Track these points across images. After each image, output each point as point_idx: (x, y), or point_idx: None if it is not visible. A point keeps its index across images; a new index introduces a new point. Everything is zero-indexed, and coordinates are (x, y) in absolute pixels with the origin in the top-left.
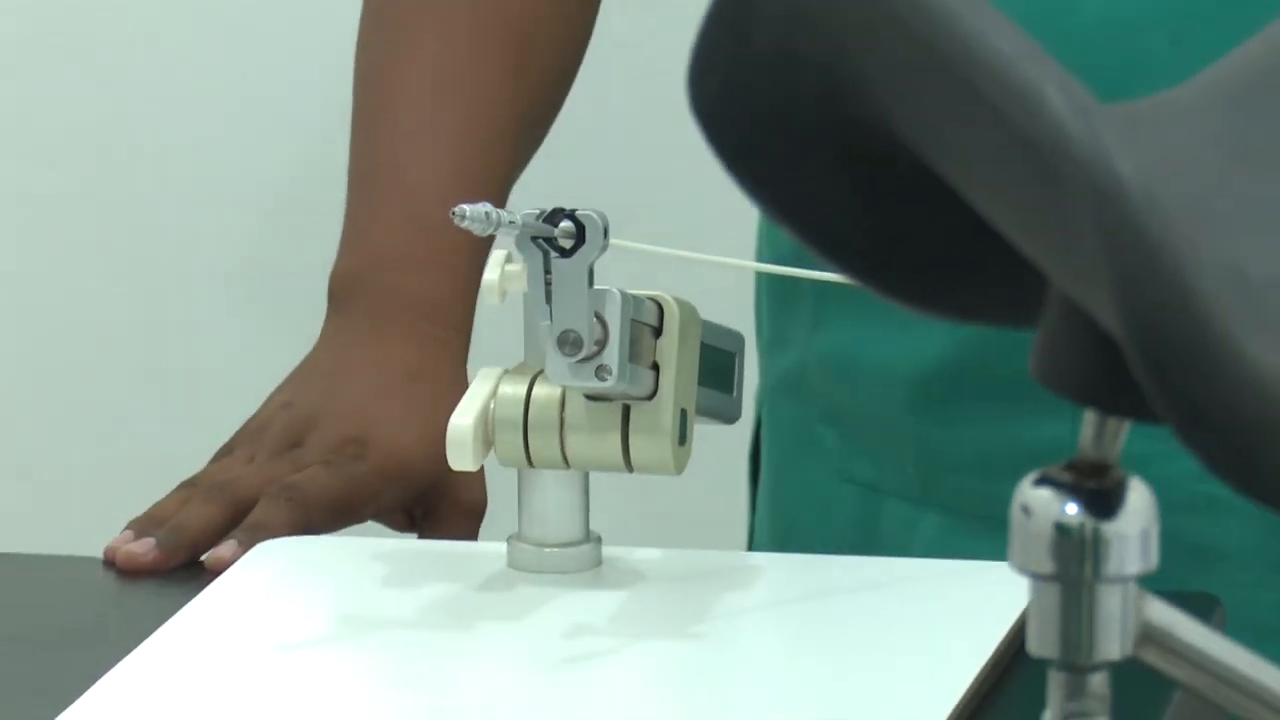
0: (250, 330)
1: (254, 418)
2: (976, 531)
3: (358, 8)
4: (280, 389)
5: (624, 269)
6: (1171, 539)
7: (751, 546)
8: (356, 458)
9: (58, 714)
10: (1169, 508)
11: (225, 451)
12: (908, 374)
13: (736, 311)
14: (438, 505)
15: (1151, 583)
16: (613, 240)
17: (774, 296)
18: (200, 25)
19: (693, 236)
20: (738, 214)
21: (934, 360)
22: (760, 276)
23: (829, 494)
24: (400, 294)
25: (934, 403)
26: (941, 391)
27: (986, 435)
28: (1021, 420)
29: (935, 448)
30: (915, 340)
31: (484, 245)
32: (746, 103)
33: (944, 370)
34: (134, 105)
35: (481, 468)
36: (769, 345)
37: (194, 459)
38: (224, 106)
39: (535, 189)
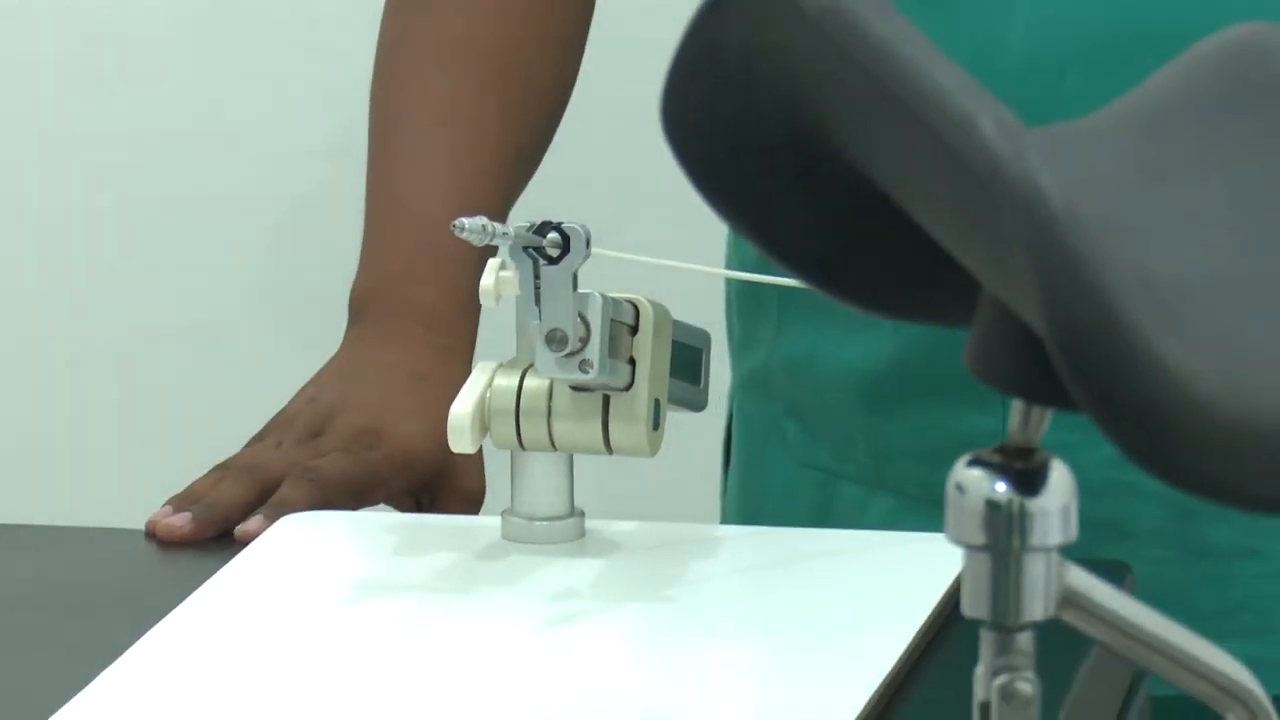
0: (276, 336)
1: (283, 410)
2: (921, 511)
3: (374, 43)
4: (306, 386)
5: (605, 275)
6: (1088, 520)
7: (723, 524)
8: (371, 447)
9: (104, 669)
10: (1087, 492)
11: (257, 439)
12: (860, 374)
13: (708, 313)
14: (441, 492)
15: (1069, 557)
16: (594, 249)
17: (742, 302)
18: (235, 61)
19: (668, 246)
20: (709, 226)
21: (882, 362)
22: (730, 283)
23: (792, 479)
24: (410, 307)
25: (883, 399)
26: (889, 389)
27: (928, 427)
28: (958, 414)
29: (884, 438)
30: (866, 344)
31: (484, 264)
32: (713, 128)
33: (891, 370)
34: (177, 134)
35: (483, 458)
36: (739, 347)
37: (225, 445)
38: (255, 137)
39: (526, 204)
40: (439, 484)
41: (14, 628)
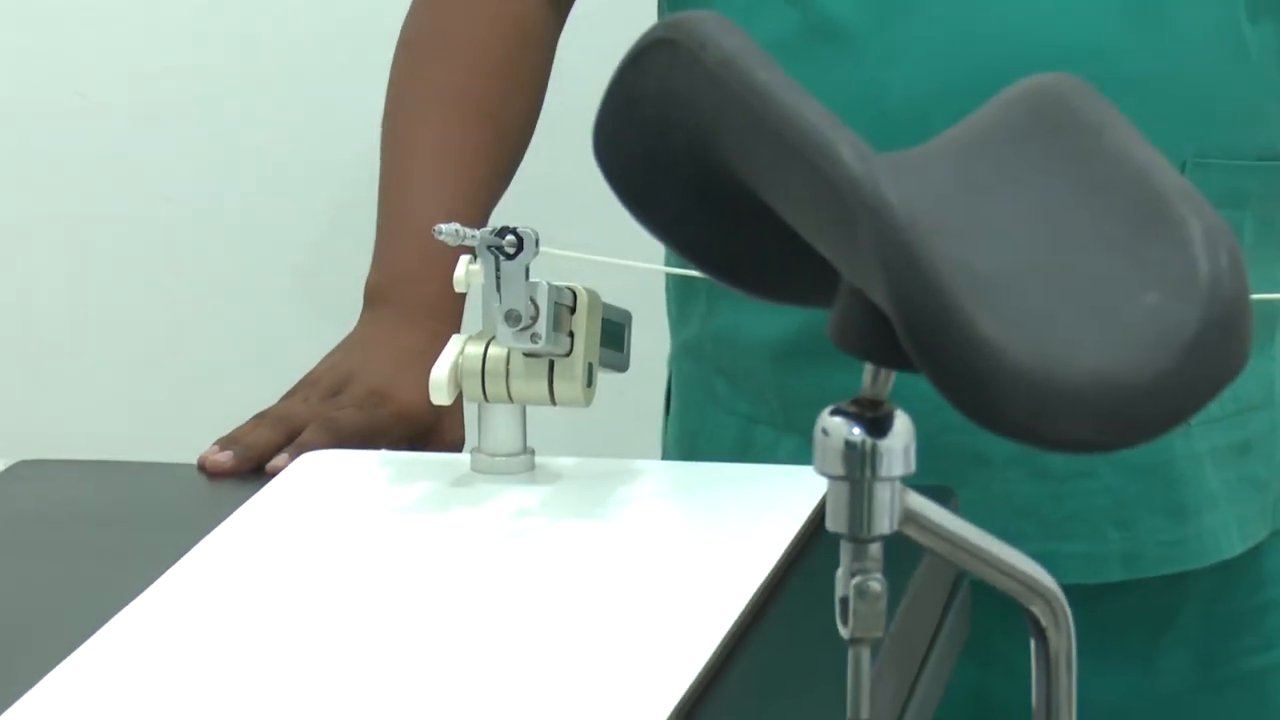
0: (306, 316)
1: (310, 373)
2: None
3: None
4: (330, 355)
5: (554, 267)
6: (956, 450)
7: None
8: (379, 405)
9: (164, 573)
10: (956, 429)
11: (289, 395)
12: (773, 343)
13: (635, 297)
14: (431, 441)
15: (943, 481)
16: (543, 248)
17: (678, 287)
18: (283, 104)
19: (613, 245)
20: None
21: (790, 332)
22: (668, 273)
23: (719, 424)
24: (412, 298)
25: (791, 362)
26: (796, 354)
27: (826, 382)
28: (849, 372)
29: (792, 392)
30: (776, 319)
31: None
32: (634, 158)
33: (797, 339)
34: (237, 159)
35: (463, 416)
36: (675, 322)
37: (261, 400)
38: (294, 162)
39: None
40: (430, 435)
41: (95, 539)
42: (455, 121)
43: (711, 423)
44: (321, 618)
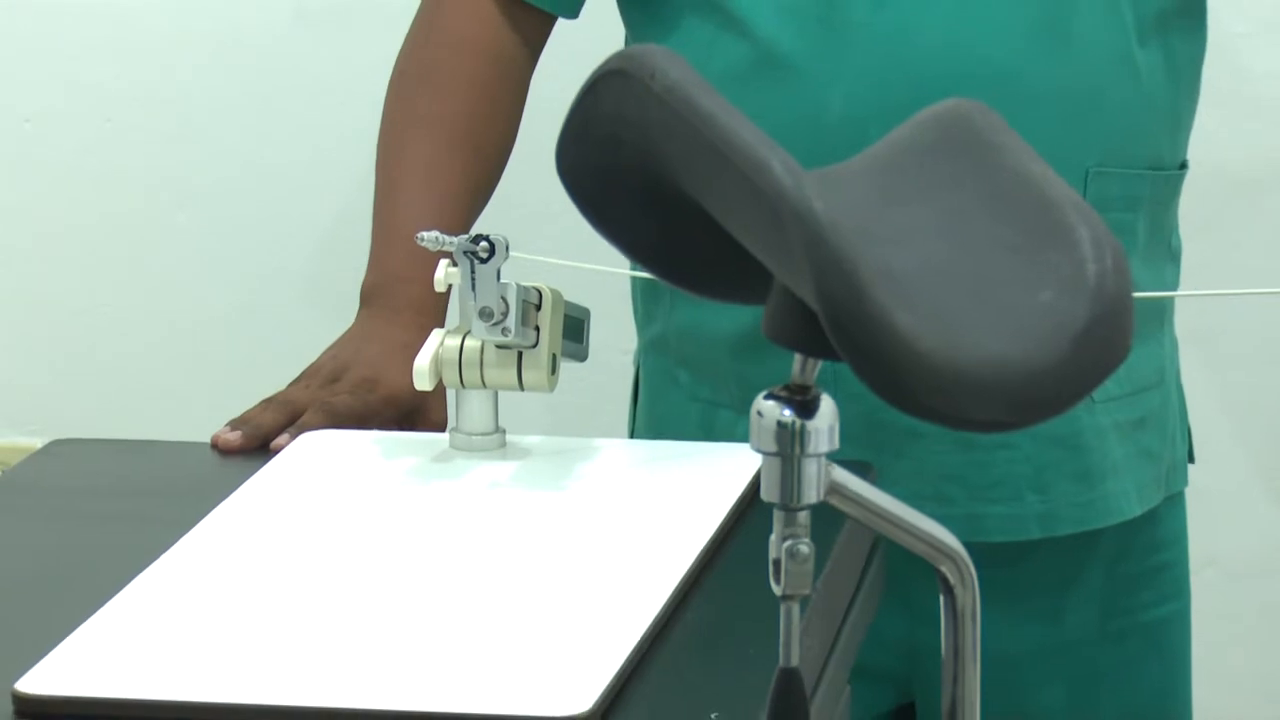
0: (309, 315)
1: (312, 364)
2: None
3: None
4: (329, 348)
5: (521, 270)
6: (893, 425)
7: None
8: (371, 391)
9: (181, 537)
10: (887, 406)
11: (293, 382)
12: (730, 336)
13: (594, 297)
14: (417, 422)
15: (881, 452)
16: (513, 253)
17: (644, 291)
18: (298, 128)
19: (582, 249)
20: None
21: (747, 327)
22: (634, 275)
23: (684, 409)
24: (402, 298)
25: (748, 351)
26: (751, 345)
27: (778, 370)
28: None
29: (749, 378)
30: (735, 316)
31: None
32: (591, 174)
33: (752, 333)
34: (254, 175)
35: (445, 400)
36: (642, 320)
37: (267, 387)
38: (301, 178)
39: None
40: (416, 417)
41: (120, 508)
42: (441, 143)
43: (677, 409)
44: (317, 572)
